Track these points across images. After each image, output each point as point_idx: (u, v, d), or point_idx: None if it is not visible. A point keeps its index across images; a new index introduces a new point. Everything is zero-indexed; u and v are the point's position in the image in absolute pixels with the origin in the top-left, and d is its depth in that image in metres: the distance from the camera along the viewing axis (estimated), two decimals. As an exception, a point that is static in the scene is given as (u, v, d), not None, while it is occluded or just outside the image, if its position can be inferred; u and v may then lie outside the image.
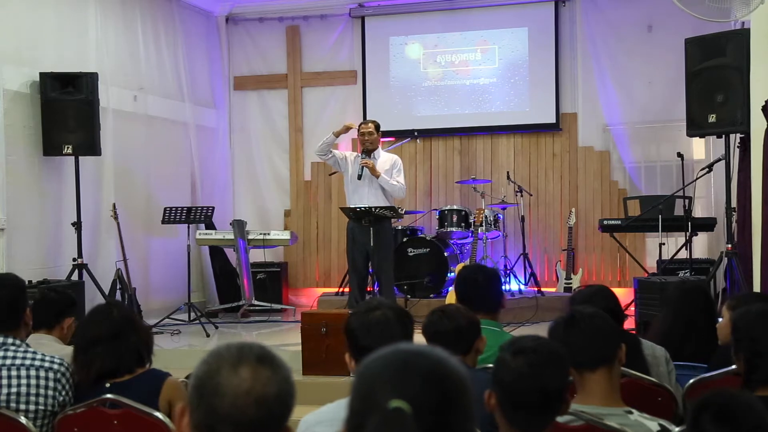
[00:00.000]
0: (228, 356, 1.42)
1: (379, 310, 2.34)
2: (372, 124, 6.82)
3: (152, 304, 7.58)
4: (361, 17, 9.12)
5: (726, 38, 5.88)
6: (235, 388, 1.38)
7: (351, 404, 1.30)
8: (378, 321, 2.30)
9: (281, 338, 6.91)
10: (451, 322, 2.86)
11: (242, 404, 1.38)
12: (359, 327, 2.31)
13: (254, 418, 1.39)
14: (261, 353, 1.44)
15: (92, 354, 2.87)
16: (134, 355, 2.90)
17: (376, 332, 2.26)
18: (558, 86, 8.66)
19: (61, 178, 6.81)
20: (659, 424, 2.28)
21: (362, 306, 2.42)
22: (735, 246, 5.79)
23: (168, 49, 8.33)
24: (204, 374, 1.42)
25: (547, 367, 1.94)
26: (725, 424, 1.59)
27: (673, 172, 8.09)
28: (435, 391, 1.26)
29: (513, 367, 1.94)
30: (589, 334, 2.34)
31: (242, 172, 9.44)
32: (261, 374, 1.41)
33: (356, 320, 2.34)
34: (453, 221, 7.98)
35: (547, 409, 1.95)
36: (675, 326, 3.56)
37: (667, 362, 3.20)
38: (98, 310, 3.04)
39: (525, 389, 1.91)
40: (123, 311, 3.03)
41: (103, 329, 2.89)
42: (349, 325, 2.34)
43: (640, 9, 8.36)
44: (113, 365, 2.86)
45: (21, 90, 6.48)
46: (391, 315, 2.33)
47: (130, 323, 2.96)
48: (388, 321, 2.30)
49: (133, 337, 2.92)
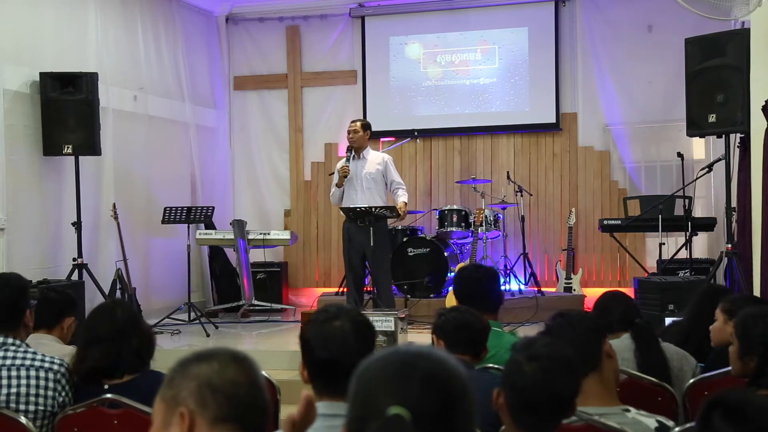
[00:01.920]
0: (222, 352, 1.53)
1: (338, 320, 2.11)
2: (359, 122, 6.82)
3: (152, 304, 7.58)
4: (361, 17, 9.12)
5: (726, 38, 5.87)
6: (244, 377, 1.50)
7: (350, 408, 1.30)
8: (335, 333, 2.09)
9: (281, 338, 6.91)
10: (477, 322, 2.92)
11: (255, 392, 1.50)
12: (315, 338, 2.10)
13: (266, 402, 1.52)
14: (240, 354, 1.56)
15: (90, 350, 2.85)
16: (134, 357, 2.87)
17: (332, 345, 2.06)
18: (558, 86, 8.66)
19: (61, 178, 6.81)
20: (657, 421, 2.29)
21: (320, 314, 2.16)
22: (735, 246, 5.79)
23: (168, 49, 8.33)
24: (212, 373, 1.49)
25: (561, 374, 1.95)
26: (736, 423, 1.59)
27: (673, 172, 8.09)
28: (435, 395, 1.25)
29: (527, 372, 1.93)
30: (573, 341, 2.34)
31: (242, 172, 9.44)
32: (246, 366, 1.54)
33: (313, 330, 2.12)
34: (453, 221, 7.99)
35: (557, 415, 1.97)
36: (695, 327, 3.56)
37: (694, 376, 3.16)
38: (102, 308, 3.02)
39: (537, 395, 1.92)
40: (127, 312, 2.98)
41: (105, 328, 2.87)
42: (304, 334, 2.14)
43: (640, 9, 8.36)
44: (110, 365, 2.84)
45: (21, 90, 6.48)
46: (350, 327, 2.10)
47: (132, 324, 2.92)
48: (346, 333, 2.08)
49: (134, 339, 2.88)
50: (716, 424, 1.60)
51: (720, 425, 1.59)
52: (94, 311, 3.02)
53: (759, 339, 2.56)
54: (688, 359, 3.17)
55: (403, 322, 5.55)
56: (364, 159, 6.74)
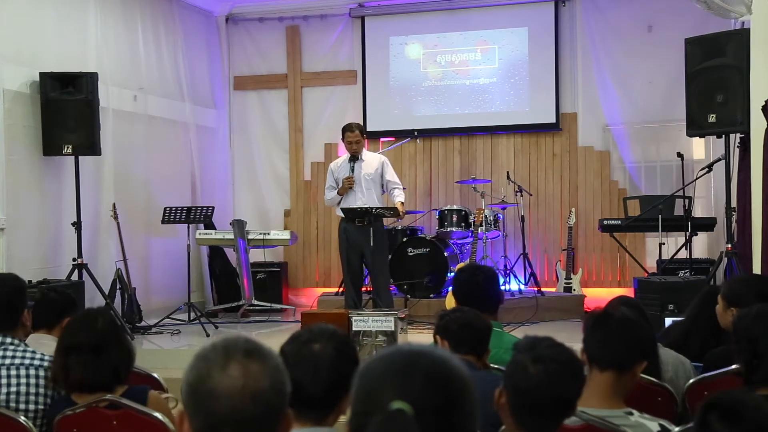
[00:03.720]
0: (215, 357, 1.41)
1: (318, 343, 2.01)
2: (358, 130, 6.81)
3: (152, 304, 7.58)
4: (361, 17, 9.12)
5: (726, 38, 5.87)
6: (229, 389, 1.38)
7: (353, 405, 1.30)
8: (310, 355, 2.00)
9: (281, 338, 6.85)
10: (480, 323, 2.92)
11: (239, 403, 1.37)
12: (289, 354, 2.02)
13: (254, 413, 1.38)
14: (247, 347, 1.43)
15: (70, 361, 2.72)
16: (111, 372, 2.73)
17: (302, 366, 1.96)
18: (558, 86, 8.66)
19: (61, 178, 6.80)
20: (659, 425, 2.29)
21: (306, 333, 2.08)
22: (735, 246, 5.79)
23: (168, 49, 8.33)
24: (195, 380, 1.41)
25: (565, 377, 1.96)
26: (733, 425, 1.60)
27: (673, 172, 8.08)
28: (437, 391, 1.26)
29: (532, 374, 1.94)
30: (614, 336, 2.37)
31: (242, 172, 9.44)
32: (251, 369, 1.40)
33: (291, 346, 2.05)
34: (453, 221, 7.98)
35: (560, 416, 1.98)
36: (697, 328, 3.56)
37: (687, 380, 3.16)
38: (84, 316, 2.90)
39: (541, 397, 1.92)
40: (108, 324, 2.81)
41: (84, 339, 2.74)
42: (283, 347, 2.07)
43: (640, 9, 8.36)
44: (92, 379, 2.72)
45: (21, 90, 6.47)
46: (329, 354, 1.99)
47: (112, 337, 2.78)
48: (320, 359, 1.98)
49: (113, 352, 2.74)
50: (714, 426, 1.60)
51: (717, 427, 1.60)
52: (76, 319, 2.89)
53: (744, 333, 2.57)
54: (684, 366, 3.16)
55: (403, 322, 5.55)
56: (361, 161, 6.77)
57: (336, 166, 6.90)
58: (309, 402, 1.94)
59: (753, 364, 2.51)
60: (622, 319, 2.42)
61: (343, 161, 6.90)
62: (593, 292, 8.18)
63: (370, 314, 5.41)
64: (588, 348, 2.40)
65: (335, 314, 5.63)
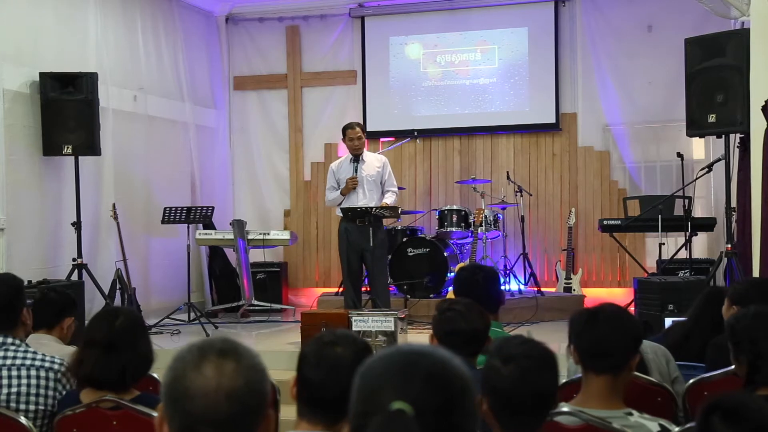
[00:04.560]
0: (190, 357, 1.42)
1: (339, 346, 2.03)
2: (359, 128, 6.80)
3: (152, 304, 7.58)
4: (361, 17, 9.12)
5: (726, 38, 5.88)
6: (203, 388, 1.38)
7: (353, 405, 1.30)
8: (332, 356, 2.01)
9: (281, 338, 6.91)
10: (468, 324, 2.86)
11: (213, 402, 1.38)
12: (311, 355, 2.03)
13: (229, 412, 1.38)
14: (222, 347, 1.43)
15: (84, 354, 2.70)
16: (119, 371, 2.65)
17: (324, 367, 1.99)
18: (558, 86, 8.66)
19: (61, 178, 6.81)
20: (659, 425, 2.29)
21: (327, 335, 2.09)
22: (735, 246, 5.79)
23: (168, 49, 8.33)
24: (171, 380, 1.41)
25: (540, 372, 1.96)
26: (735, 425, 1.60)
27: (673, 172, 8.09)
28: (437, 392, 1.26)
29: (505, 375, 1.94)
30: (605, 338, 2.36)
31: (242, 172, 9.44)
32: (225, 368, 1.40)
33: (311, 347, 2.06)
34: (453, 221, 7.98)
35: (541, 411, 1.98)
36: (698, 328, 3.56)
37: (668, 362, 3.20)
38: (106, 312, 2.88)
39: (519, 396, 1.92)
40: (127, 323, 2.72)
41: (99, 335, 2.70)
42: (303, 348, 2.08)
43: (640, 9, 8.36)
44: (99, 375, 2.66)
45: (21, 90, 6.48)
46: (350, 357, 1.99)
47: (128, 338, 2.68)
48: (343, 361, 1.98)
49: (126, 353, 2.65)
50: (716, 428, 1.60)
51: (720, 428, 1.60)
52: (98, 315, 2.87)
53: (744, 335, 2.57)
54: (659, 347, 3.21)
55: (403, 322, 5.55)
56: (362, 161, 6.76)
57: (337, 167, 6.89)
58: (323, 403, 1.95)
59: (755, 365, 2.51)
60: (611, 318, 2.40)
61: (344, 161, 6.89)
62: (593, 292, 8.19)
63: (369, 314, 5.40)
64: (581, 354, 2.39)
65: (335, 314, 5.63)
